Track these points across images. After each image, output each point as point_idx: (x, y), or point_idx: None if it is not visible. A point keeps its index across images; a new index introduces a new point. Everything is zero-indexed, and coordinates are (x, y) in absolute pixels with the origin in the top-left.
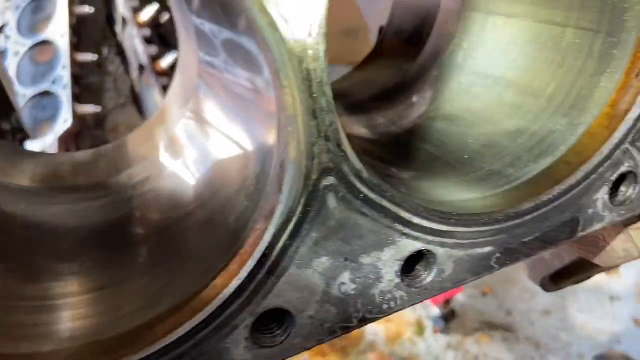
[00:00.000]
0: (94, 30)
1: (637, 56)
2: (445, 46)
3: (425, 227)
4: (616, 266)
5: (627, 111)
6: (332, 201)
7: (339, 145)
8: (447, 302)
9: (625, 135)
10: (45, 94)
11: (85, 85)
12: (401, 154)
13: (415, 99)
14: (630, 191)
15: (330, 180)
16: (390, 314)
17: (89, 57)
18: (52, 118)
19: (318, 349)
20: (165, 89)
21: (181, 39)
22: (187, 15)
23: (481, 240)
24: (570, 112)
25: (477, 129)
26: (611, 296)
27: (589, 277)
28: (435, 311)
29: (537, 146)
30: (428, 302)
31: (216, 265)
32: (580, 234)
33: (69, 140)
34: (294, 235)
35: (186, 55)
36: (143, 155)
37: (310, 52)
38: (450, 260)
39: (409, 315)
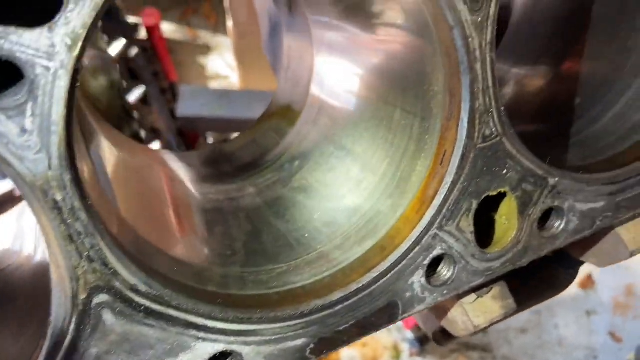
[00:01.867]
0: None
1: (442, 143)
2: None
3: (224, 329)
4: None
5: (433, 197)
6: (108, 317)
7: (105, 264)
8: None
9: (432, 221)
10: None
11: None
12: (252, 232)
13: (286, 166)
14: (450, 272)
15: (102, 298)
16: None
17: None
18: None
19: None
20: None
21: None
22: None
23: (291, 334)
24: (394, 193)
25: (325, 203)
26: (587, 310)
27: None
28: (411, 334)
29: (365, 227)
30: (402, 325)
31: None
32: (402, 317)
33: None
34: (70, 354)
35: None
36: None
37: (54, 183)
38: (259, 357)
39: (384, 339)
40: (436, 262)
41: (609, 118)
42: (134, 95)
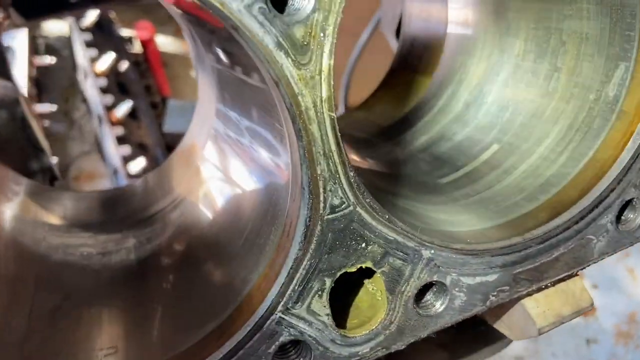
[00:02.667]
0: (60, 79)
1: (289, 212)
2: None
3: None
4: None
5: (277, 274)
6: None
7: None
8: None
9: (275, 303)
10: None
11: (48, 135)
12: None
13: (174, 216)
14: None
15: None
16: None
17: (47, 107)
18: None
19: None
20: (119, 139)
21: None
22: None
23: None
24: (248, 262)
25: (184, 267)
26: (587, 338)
27: None
28: None
29: (211, 306)
30: None
31: None
32: None
33: None
34: None
35: None
36: None
37: None
38: None
39: None
40: (289, 349)
41: (522, 171)
42: (120, 111)
